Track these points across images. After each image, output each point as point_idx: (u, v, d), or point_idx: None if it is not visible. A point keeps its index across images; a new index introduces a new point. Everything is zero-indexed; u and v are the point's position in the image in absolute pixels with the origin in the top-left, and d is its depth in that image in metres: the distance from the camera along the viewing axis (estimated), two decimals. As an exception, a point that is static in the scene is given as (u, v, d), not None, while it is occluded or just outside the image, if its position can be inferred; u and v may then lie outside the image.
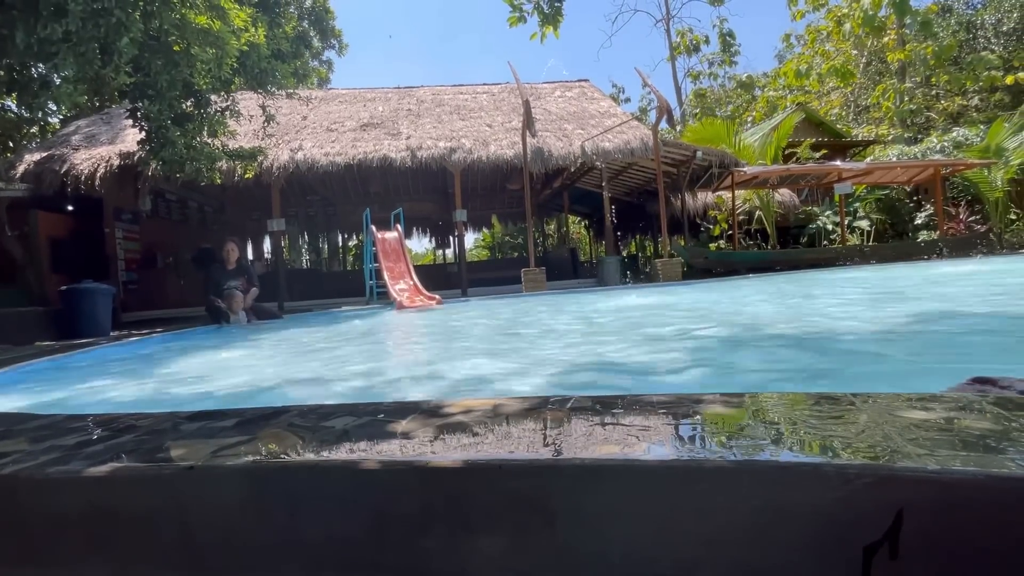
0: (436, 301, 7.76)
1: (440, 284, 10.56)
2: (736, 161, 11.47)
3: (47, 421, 1.13)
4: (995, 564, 0.51)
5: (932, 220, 12.28)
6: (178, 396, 2.40)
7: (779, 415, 0.82)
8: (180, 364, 3.52)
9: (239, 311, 5.81)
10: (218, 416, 1.05)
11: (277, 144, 10.49)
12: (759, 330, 3.14)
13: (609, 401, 0.95)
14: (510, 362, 2.71)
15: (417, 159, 10.42)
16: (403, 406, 1.06)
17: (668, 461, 0.63)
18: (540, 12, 6.69)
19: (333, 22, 19.40)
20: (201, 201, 13.39)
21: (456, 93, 14.06)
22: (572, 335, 3.64)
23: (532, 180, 11.42)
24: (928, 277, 6.32)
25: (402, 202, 12.16)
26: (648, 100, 31.85)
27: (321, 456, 0.74)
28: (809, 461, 0.60)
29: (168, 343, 4.84)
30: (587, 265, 16.08)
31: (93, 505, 0.74)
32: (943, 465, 0.55)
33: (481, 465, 0.66)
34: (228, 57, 6.39)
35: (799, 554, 0.56)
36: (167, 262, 11.49)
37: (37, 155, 9.32)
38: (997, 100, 20.47)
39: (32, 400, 2.53)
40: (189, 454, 0.78)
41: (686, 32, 27.73)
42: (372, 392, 2.24)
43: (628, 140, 10.88)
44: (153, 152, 6.65)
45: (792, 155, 14.56)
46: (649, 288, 8.79)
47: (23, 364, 3.29)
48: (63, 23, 4.75)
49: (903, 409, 0.77)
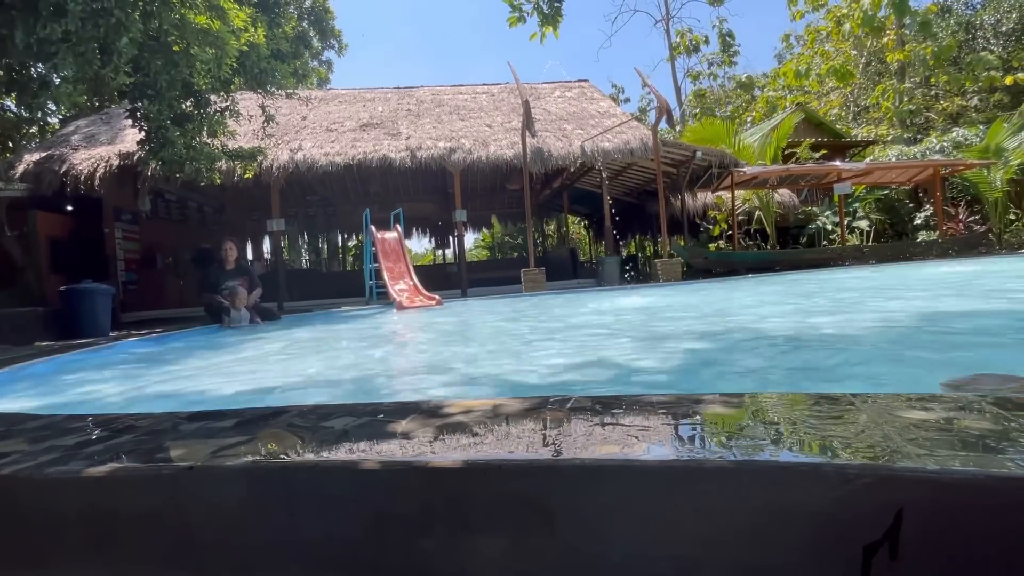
0: (436, 301, 7.76)
1: (440, 284, 10.55)
2: (736, 161, 11.48)
3: (46, 421, 1.13)
4: (995, 564, 0.51)
5: (931, 220, 12.28)
6: (178, 396, 2.40)
7: (779, 415, 0.82)
8: (180, 364, 3.52)
9: (242, 308, 5.78)
10: (217, 416, 1.05)
11: (277, 144, 10.49)
12: (758, 330, 3.14)
13: (609, 401, 0.95)
14: (511, 361, 2.71)
15: (417, 159, 10.41)
16: (403, 406, 1.06)
17: (668, 461, 0.63)
18: (540, 12, 6.69)
19: (333, 22, 19.40)
20: (201, 201, 13.38)
21: (456, 93, 14.07)
22: (572, 333, 3.64)
23: (532, 180, 11.43)
24: (930, 277, 6.32)
25: (402, 202, 12.15)
26: (648, 100, 31.89)
27: (321, 456, 0.74)
28: (809, 461, 0.60)
29: (168, 343, 4.84)
30: (587, 265, 16.08)
31: (92, 505, 0.74)
32: (943, 465, 0.55)
33: (481, 465, 0.66)
34: (228, 57, 6.39)
35: (799, 554, 0.56)
36: (167, 262, 11.49)
37: (36, 155, 9.31)
38: (996, 100, 20.49)
39: (31, 400, 2.53)
40: (189, 454, 0.78)
41: (686, 32, 27.76)
42: (382, 392, 2.24)
43: (628, 140, 10.88)
44: (153, 152, 6.65)
45: (792, 155, 14.56)
46: (649, 288, 8.79)
47: (22, 364, 3.28)
48: (62, 23, 4.74)
49: (903, 409, 0.77)
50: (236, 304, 5.71)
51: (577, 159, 10.80)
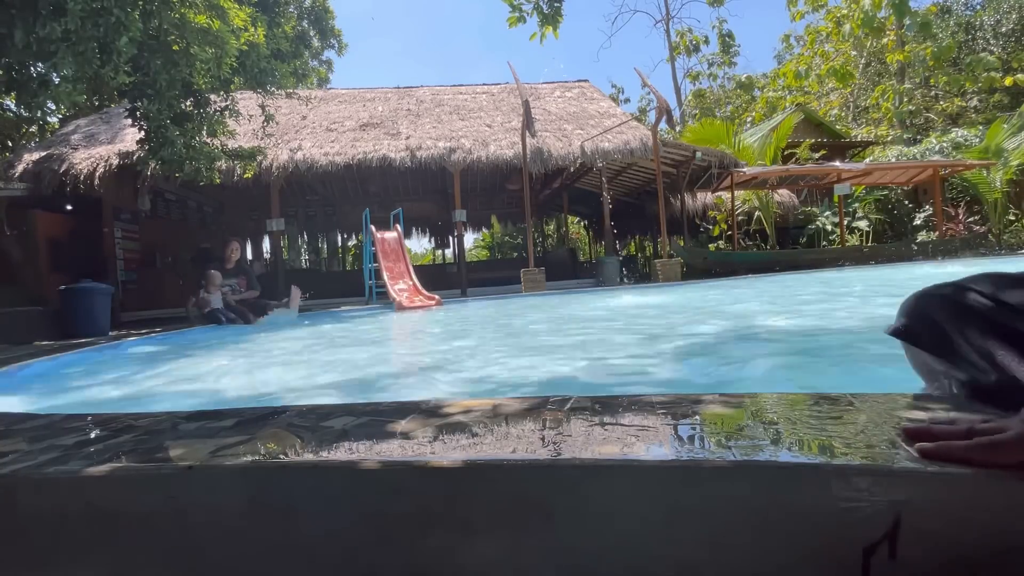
0: (435, 301, 7.76)
1: (439, 284, 10.55)
2: (735, 162, 11.48)
3: (45, 421, 1.13)
4: (994, 564, 0.51)
5: (931, 221, 12.29)
6: (178, 396, 2.39)
7: (779, 415, 0.82)
8: (180, 364, 3.52)
9: (217, 296, 5.92)
10: (217, 416, 1.05)
11: (276, 144, 10.48)
12: (754, 329, 3.14)
13: (609, 401, 0.95)
14: (511, 361, 2.71)
15: (416, 159, 10.41)
16: (402, 406, 1.06)
17: (668, 461, 0.63)
18: (540, 12, 6.69)
19: (333, 22, 19.40)
20: (200, 201, 13.37)
21: (456, 93, 14.06)
22: (572, 333, 3.64)
23: (531, 180, 11.42)
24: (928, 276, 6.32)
25: (401, 202, 12.16)
26: (647, 100, 31.87)
27: (320, 456, 0.74)
28: (809, 461, 0.60)
29: (167, 342, 4.83)
30: (586, 265, 16.08)
31: (91, 505, 0.74)
32: (943, 465, 0.55)
33: (481, 465, 0.66)
34: (227, 57, 6.38)
35: (798, 554, 0.55)
36: (166, 262, 11.48)
37: (36, 154, 9.30)
38: (996, 101, 20.49)
39: (30, 399, 2.53)
40: (188, 454, 0.78)
41: (686, 33, 27.78)
42: (381, 392, 2.24)
43: (627, 140, 10.88)
44: (152, 152, 6.64)
45: (791, 156, 14.57)
46: (649, 288, 8.79)
47: (21, 363, 3.28)
48: (62, 22, 4.74)
49: (903, 409, 0.77)
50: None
51: (577, 159, 10.80)
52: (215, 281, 5.83)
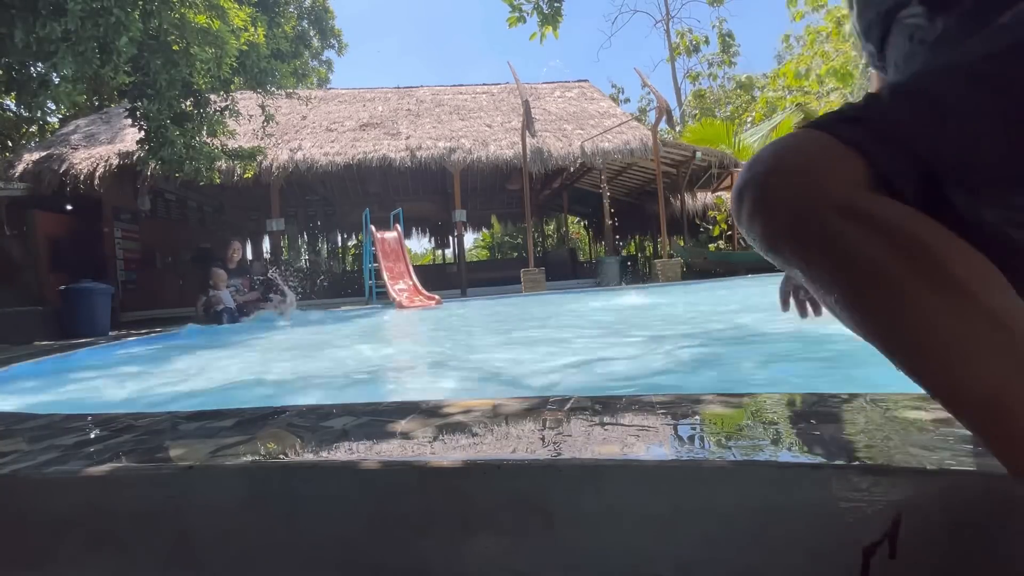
0: (435, 301, 7.76)
1: (439, 284, 10.56)
2: (735, 162, 11.49)
3: (45, 421, 1.13)
4: (994, 564, 0.51)
5: (931, 221, 12.27)
6: (178, 395, 2.39)
7: (779, 415, 0.82)
8: (180, 364, 3.52)
9: (224, 290, 5.89)
10: (217, 416, 1.05)
11: (276, 144, 10.48)
12: (754, 329, 3.14)
13: (609, 401, 0.95)
14: (511, 361, 2.71)
15: (416, 159, 10.41)
16: (402, 406, 1.06)
17: (667, 461, 0.63)
18: (540, 12, 6.69)
19: (333, 22, 19.38)
20: (200, 201, 13.37)
21: (456, 93, 14.07)
22: (572, 332, 3.64)
23: (531, 180, 11.43)
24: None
25: (401, 202, 12.16)
26: (647, 100, 31.84)
27: (320, 456, 0.74)
28: (809, 461, 0.60)
29: (167, 341, 4.83)
30: (586, 265, 16.08)
31: (92, 505, 0.74)
32: (943, 465, 0.55)
33: (481, 465, 0.66)
34: (227, 57, 6.38)
35: (798, 554, 0.55)
36: (166, 262, 11.48)
37: (36, 154, 9.30)
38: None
39: (30, 400, 2.53)
40: (188, 454, 0.78)
41: (686, 33, 27.77)
42: (381, 391, 2.24)
43: (627, 140, 10.88)
44: (152, 152, 6.64)
45: (791, 156, 14.54)
46: (649, 288, 8.79)
47: (21, 363, 3.28)
48: (62, 22, 4.73)
49: (903, 409, 0.77)
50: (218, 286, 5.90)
51: (577, 159, 10.80)
52: (223, 279, 5.84)
